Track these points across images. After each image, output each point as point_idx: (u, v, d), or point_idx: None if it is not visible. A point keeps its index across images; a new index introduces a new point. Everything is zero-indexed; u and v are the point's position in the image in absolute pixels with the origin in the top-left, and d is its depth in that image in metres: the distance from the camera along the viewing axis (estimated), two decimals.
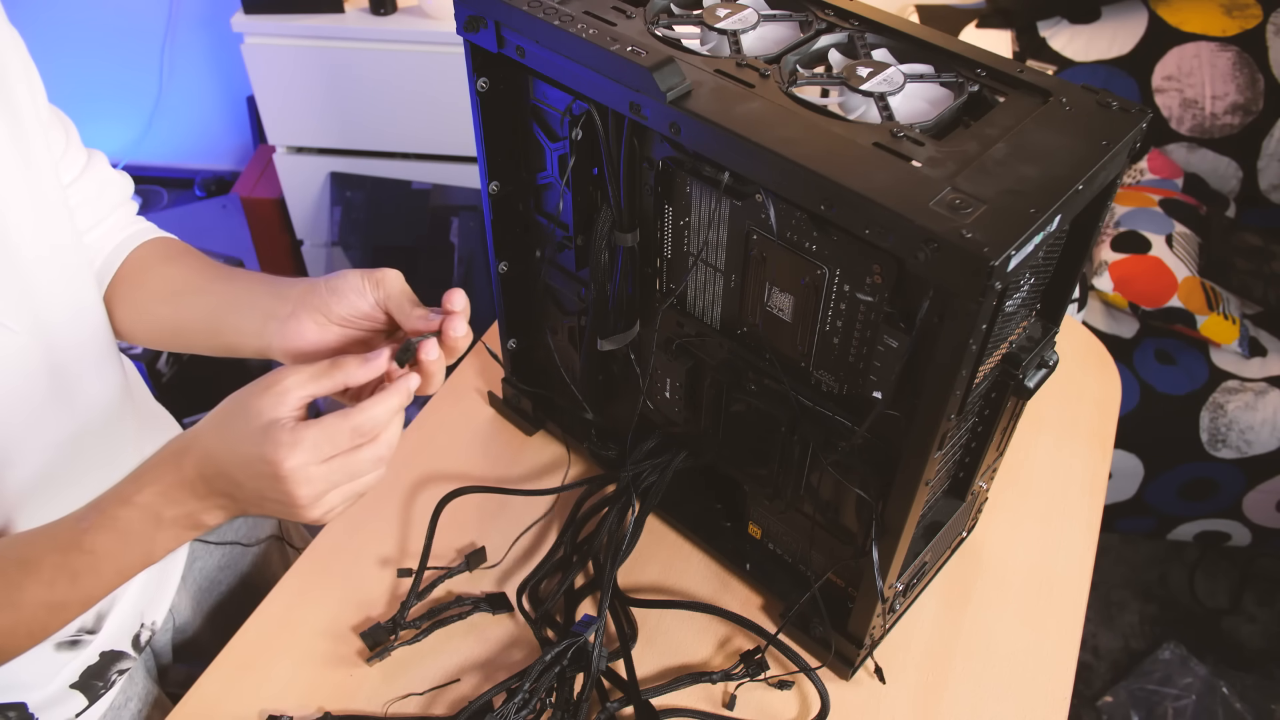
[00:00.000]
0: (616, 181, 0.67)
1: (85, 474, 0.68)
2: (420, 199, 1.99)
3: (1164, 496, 1.65)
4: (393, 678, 0.75)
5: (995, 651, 0.77)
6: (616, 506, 0.81)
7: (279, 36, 1.81)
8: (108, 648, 0.75)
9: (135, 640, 0.78)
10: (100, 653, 0.74)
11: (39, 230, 0.62)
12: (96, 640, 0.74)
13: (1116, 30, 1.79)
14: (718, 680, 0.74)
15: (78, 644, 0.72)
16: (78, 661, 0.73)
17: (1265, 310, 1.65)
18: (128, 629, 0.77)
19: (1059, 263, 0.64)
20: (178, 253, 0.75)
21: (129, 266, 0.74)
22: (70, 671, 0.72)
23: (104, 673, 0.75)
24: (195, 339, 0.71)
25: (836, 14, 0.66)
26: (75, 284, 0.67)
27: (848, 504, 0.69)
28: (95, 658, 0.74)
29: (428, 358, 0.59)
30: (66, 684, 0.72)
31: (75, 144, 0.71)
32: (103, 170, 0.74)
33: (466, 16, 0.66)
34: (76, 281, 0.67)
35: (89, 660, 0.73)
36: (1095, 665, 1.66)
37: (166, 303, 0.72)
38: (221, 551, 0.91)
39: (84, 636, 0.73)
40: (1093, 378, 1.02)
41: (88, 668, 0.73)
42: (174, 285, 0.72)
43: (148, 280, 0.73)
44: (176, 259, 0.75)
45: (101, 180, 0.74)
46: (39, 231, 0.62)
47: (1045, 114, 0.56)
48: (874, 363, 0.60)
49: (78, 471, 0.68)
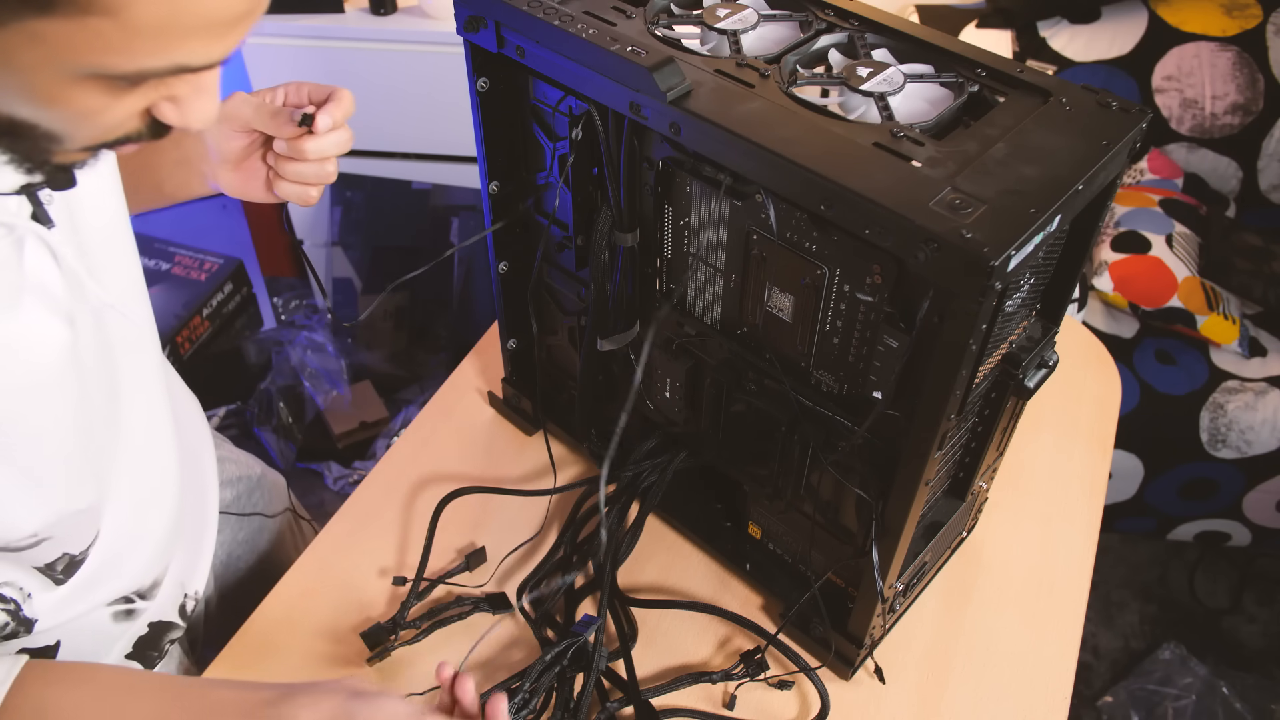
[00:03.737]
0: (616, 181, 0.67)
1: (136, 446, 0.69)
2: (420, 199, 1.99)
3: (1164, 496, 1.65)
4: (393, 678, 0.75)
5: (995, 651, 0.77)
6: (616, 506, 0.81)
7: (279, 36, 1.81)
8: (156, 618, 0.76)
9: (181, 610, 0.79)
10: (149, 624, 0.75)
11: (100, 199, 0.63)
12: (147, 611, 0.74)
13: (1116, 30, 1.79)
14: (718, 680, 0.74)
15: (131, 614, 0.73)
16: (131, 631, 0.74)
17: (1265, 310, 1.65)
18: (174, 599, 0.78)
19: (1059, 263, 0.64)
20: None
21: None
22: (125, 642, 0.73)
23: (157, 642, 0.76)
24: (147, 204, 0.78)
25: (836, 14, 0.66)
26: (129, 251, 0.68)
27: (848, 504, 0.69)
28: (145, 629, 0.75)
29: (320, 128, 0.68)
30: (123, 654, 0.73)
31: None
32: None
33: (466, 16, 0.66)
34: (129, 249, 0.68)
35: (140, 631, 0.74)
36: (1095, 665, 1.66)
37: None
38: (243, 524, 0.93)
39: (137, 602, 0.73)
40: (1093, 378, 1.02)
41: (140, 638, 0.74)
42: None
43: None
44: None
45: None
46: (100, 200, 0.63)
47: (1045, 114, 0.56)
48: (874, 363, 0.60)
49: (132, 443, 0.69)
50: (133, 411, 0.68)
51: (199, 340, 2.09)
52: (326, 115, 0.68)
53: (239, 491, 0.93)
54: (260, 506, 0.95)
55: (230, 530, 0.91)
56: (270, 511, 0.97)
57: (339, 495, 1.86)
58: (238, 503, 0.92)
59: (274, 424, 1.94)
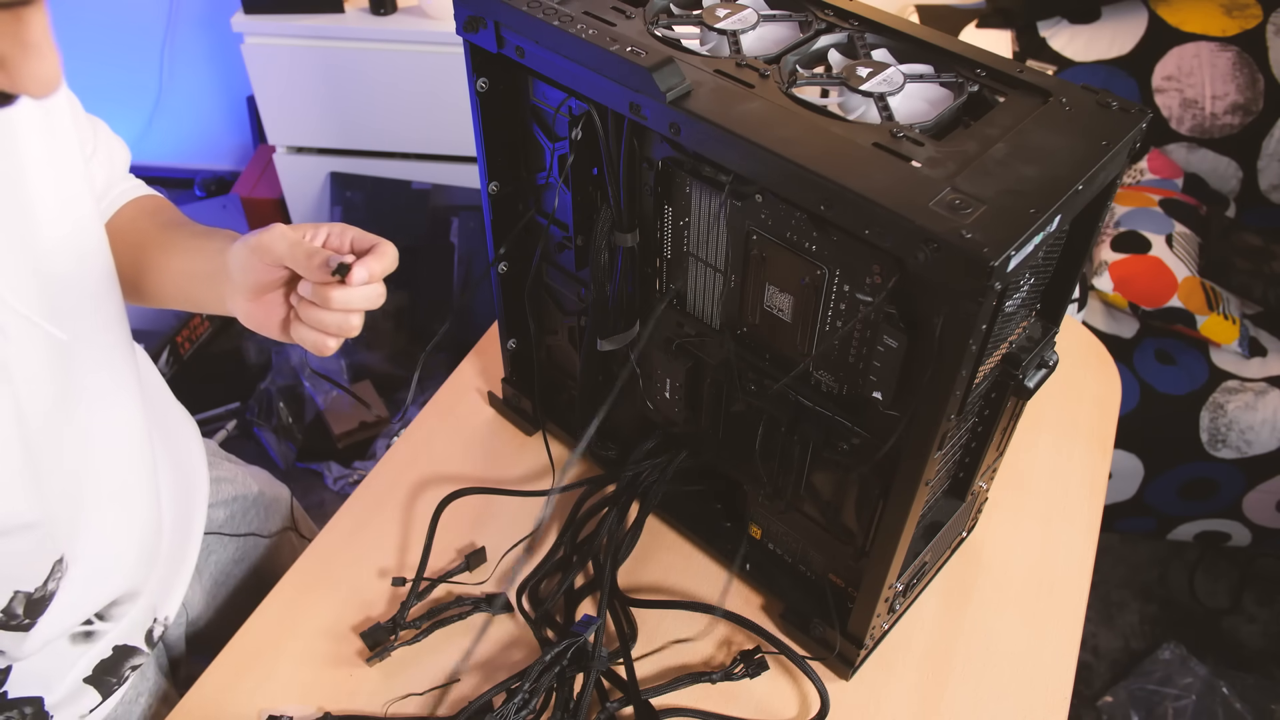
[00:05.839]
0: (616, 181, 0.67)
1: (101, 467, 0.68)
2: (420, 199, 1.99)
3: (1164, 496, 1.65)
4: (393, 678, 0.75)
5: (995, 651, 0.77)
6: (616, 506, 0.81)
7: (279, 36, 1.81)
8: (120, 642, 0.75)
9: (148, 635, 0.78)
10: (113, 647, 0.74)
11: (63, 208, 0.61)
12: (110, 634, 0.73)
13: (1116, 30, 1.79)
14: (718, 680, 0.74)
15: (91, 635, 0.72)
16: (91, 655, 0.73)
17: (1265, 310, 1.65)
18: (140, 624, 0.77)
19: (1059, 263, 0.64)
20: (140, 216, 0.76)
21: (109, 231, 0.74)
22: (84, 665, 0.72)
23: (117, 668, 0.75)
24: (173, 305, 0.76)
25: (836, 14, 0.66)
26: (98, 287, 0.66)
27: (848, 504, 0.69)
28: (108, 651, 0.74)
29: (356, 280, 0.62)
30: (80, 678, 0.72)
31: (80, 113, 0.71)
32: (107, 138, 0.75)
33: (466, 16, 0.66)
34: (100, 284, 0.67)
35: (102, 654, 0.73)
36: (1095, 665, 1.66)
37: (135, 270, 0.74)
38: (236, 544, 0.92)
39: (97, 625, 0.72)
40: (1093, 378, 1.02)
41: (100, 662, 0.73)
42: (142, 260, 0.74)
43: (119, 246, 0.73)
44: (138, 224, 0.76)
45: (110, 148, 0.74)
46: (63, 209, 0.61)
47: (1045, 114, 0.56)
48: (874, 363, 0.60)
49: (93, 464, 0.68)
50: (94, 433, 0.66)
51: (199, 340, 2.09)
52: (364, 268, 0.62)
53: (232, 511, 0.92)
54: (255, 526, 0.94)
55: (221, 551, 0.90)
56: (266, 531, 0.96)
57: (339, 495, 1.87)
58: (231, 523, 0.91)
59: (274, 424, 1.94)
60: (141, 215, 0.76)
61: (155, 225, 0.75)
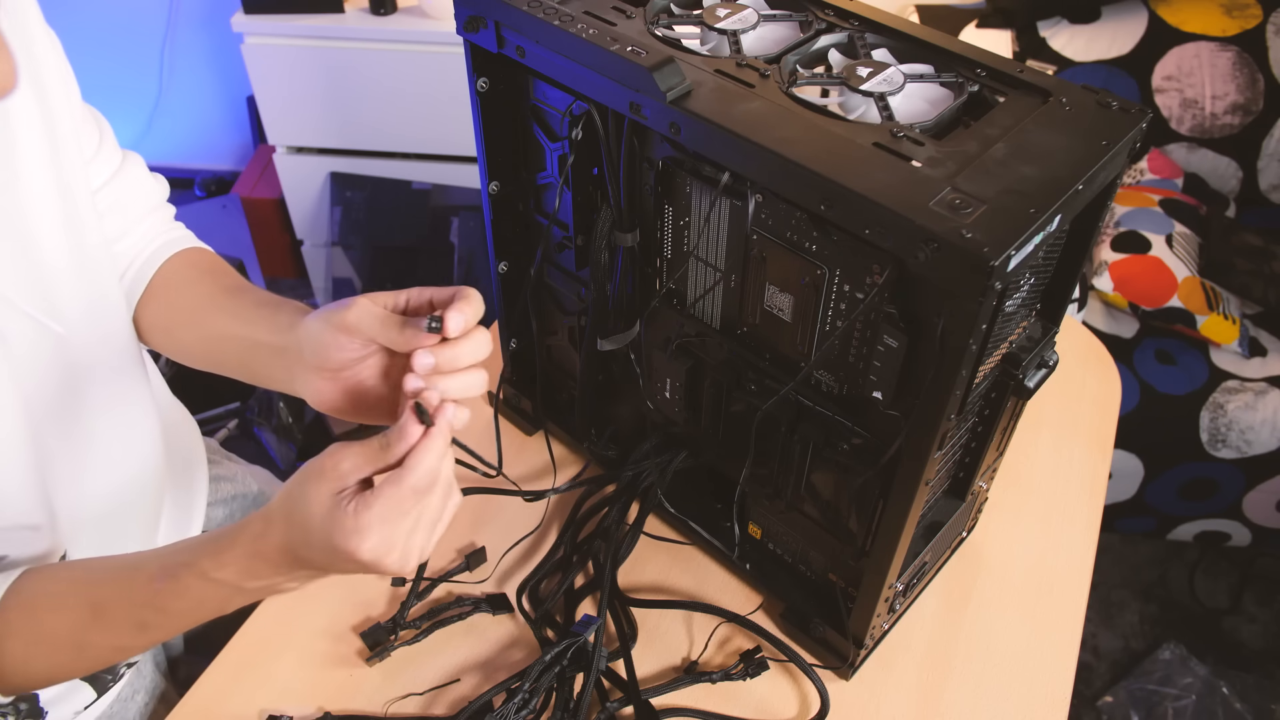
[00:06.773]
0: (616, 181, 0.67)
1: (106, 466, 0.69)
2: (420, 199, 1.99)
3: (1164, 496, 1.65)
4: (393, 678, 0.75)
5: (995, 651, 0.77)
6: (616, 506, 0.81)
7: (279, 36, 1.81)
8: None
9: None
10: None
11: (67, 232, 0.62)
12: None
13: (1116, 30, 1.79)
14: (718, 680, 0.74)
15: None
16: None
17: (1265, 310, 1.65)
18: None
19: (1059, 263, 0.64)
20: (199, 275, 0.73)
21: (159, 282, 0.72)
22: None
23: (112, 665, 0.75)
24: (230, 373, 0.71)
25: (836, 14, 0.66)
26: (98, 288, 0.66)
27: (848, 504, 0.69)
28: None
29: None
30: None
31: (110, 145, 0.70)
32: (136, 174, 0.73)
33: (466, 16, 0.66)
34: (100, 285, 0.66)
35: None
36: (1095, 665, 1.66)
37: (193, 332, 0.71)
38: None
39: None
40: (1093, 378, 1.02)
41: None
42: (200, 321, 0.71)
43: (177, 301, 0.72)
44: (197, 283, 0.73)
45: (133, 184, 0.73)
46: (67, 234, 0.62)
47: (1045, 114, 0.56)
48: (874, 363, 0.60)
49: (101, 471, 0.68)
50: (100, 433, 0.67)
51: None
52: (458, 314, 0.56)
53: (232, 510, 0.92)
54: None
55: None
56: None
57: None
58: (230, 521, 0.90)
59: (274, 424, 1.94)
60: (202, 276, 0.73)
61: (219, 289, 0.72)
